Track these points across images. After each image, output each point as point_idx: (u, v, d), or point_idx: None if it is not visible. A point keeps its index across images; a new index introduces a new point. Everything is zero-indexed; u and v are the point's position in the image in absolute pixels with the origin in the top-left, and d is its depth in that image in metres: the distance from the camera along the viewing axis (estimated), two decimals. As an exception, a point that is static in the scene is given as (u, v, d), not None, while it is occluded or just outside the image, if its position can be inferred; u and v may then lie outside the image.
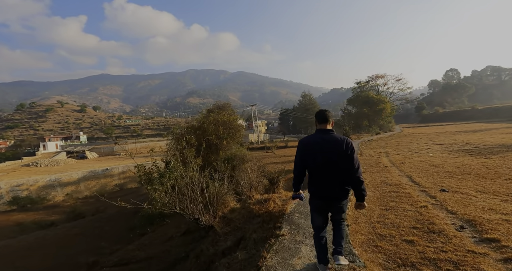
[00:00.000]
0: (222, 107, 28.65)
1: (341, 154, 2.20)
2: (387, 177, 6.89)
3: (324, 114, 2.38)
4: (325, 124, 2.36)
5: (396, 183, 6.14)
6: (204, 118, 16.46)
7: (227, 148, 14.58)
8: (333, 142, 2.25)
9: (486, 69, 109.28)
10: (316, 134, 2.38)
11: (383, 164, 9.14)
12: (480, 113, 51.02)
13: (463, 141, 14.95)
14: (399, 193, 5.28)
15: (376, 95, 45.07)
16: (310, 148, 2.31)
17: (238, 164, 8.06)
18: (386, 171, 7.67)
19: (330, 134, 2.32)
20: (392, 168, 8.19)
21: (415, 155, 10.91)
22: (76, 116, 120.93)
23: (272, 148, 21.56)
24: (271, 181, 5.57)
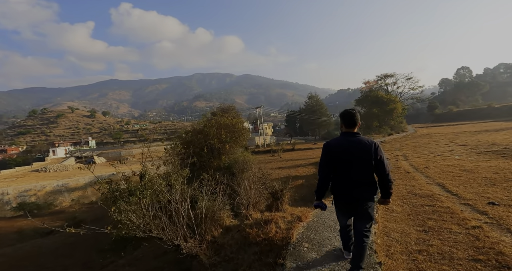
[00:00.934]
0: (226, 109, 27.94)
1: (369, 158, 2.20)
2: (414, 185, 5.83)
3: (352, 117, 2.32)
4: (352, 128, 2.33)
5: (427, 193, 5.10)
6: (206, 121, 15.72)
7: (230, 152, 13.72)
8: (361, 146, 2.23)
9: (499, 66, 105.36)
10: (343, 137, 2.34)
11: (404, 169, 8.05)
12: (497, 111, 48.56)
13: (488, 142, 13.62)
14: (435, 207, 4.25)
15: (386, 94, 43.52)
16: (337, 152, 2.27)
17: (238, 172, 7.15)
18: (410, 178, 6.60)
19: (357, 137, 2.29)
20: (416, 174, 7.11)
21: (439, 158, 9.75)
22: (86, 122, 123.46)
23: (278, 151, 20.59)
24: (274, 196, 4.64)
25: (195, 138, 14.28)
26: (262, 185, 5.12)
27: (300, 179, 10.11)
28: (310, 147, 25.00)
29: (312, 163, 13.66)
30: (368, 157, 2.20)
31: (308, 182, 9.30)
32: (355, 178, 2.23)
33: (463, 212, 3.95)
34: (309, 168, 12.44)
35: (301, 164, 14.08)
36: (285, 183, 4.94)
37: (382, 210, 4.26)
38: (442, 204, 4.35)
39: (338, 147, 2.28)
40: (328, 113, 61.71)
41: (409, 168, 8.15)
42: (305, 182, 9.52)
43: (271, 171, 12.78)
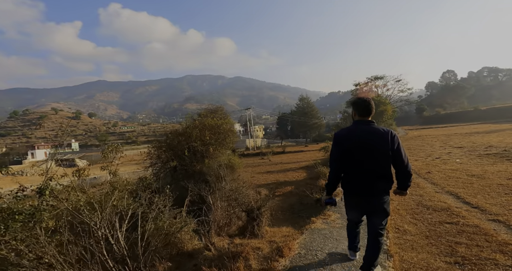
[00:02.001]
0: (214, 110, 26.74)
1: (385, 148, 2.00)
2: (422, 195, 4.94)
3: (367, 105, 2.12)
4: (366, 116, 2.13)
5: (441, 206, 4.20)
6: (189, 122, 14.58)
7: (215, 155, 12.61)
8: (376, 135, 2.04)
9: (482, 70, 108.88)
10: (355, 126, 2.12)
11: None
12: (484, 114, 49.53)
13: (484, 143, 13.12)
14: (459, 225, 3.34)
15: (376, 96, 43.57)
16: (349, 141, 2.08)
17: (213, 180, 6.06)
18: (415, 185, 5.72)
19: (371, 126, 2.09)
20: (420, 180, 6.25)
21: (438, 161, 9.00)
22: (71, 123, 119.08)
23: (267, 154, 19.60)
24: (249, 215, 3.57)
25: (176, 140, 13.12)
26: (234, 201, 4.04)
27: (289, 185, 9.12)
28: (301, 150, 24.16)
29: (302, 167, 12.73)
30: (384, 147, 2.01)
31: (298, 188, 8.32)
32: (369, 170, 2.04)
33: (499, 232, 3.04)
34: (299, 173, 11.48)
35: (291, 168, 13.11)
36: (264, 200, 3.89)
37: (392, 232, 3.29)
38: (467, 221, 3.43)
39: (350, 136, 2.09)
40: (319, 116, 61.50)
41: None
42: (294, 188, 8.54)
43: (258, 175, 11.76)
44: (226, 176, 5.85)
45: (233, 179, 9.46)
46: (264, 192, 8.69)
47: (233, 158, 13.66)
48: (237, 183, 6.19)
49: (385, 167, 2.02)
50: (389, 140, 2.00)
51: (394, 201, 4.58)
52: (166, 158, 13.59)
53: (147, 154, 13.14)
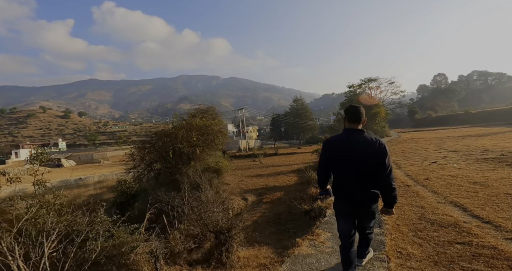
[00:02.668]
0: (205, 111, 25.97)
1: (371, 157, 2.00)
2: (423, 206, 4.41)
3: (356, 111, 2.14)
4: (356, 124, 2.12)
5: (447, 220, 3.66)
6: (177, 122, 13.87)
7: (201, 157, 11.92)
8: (363, 143, 2.04)
9: (472, 73, 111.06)
10: (344, 134, 2.15)
11: (401, 180, 6.70)
12: (475, 117, 50.25)
13: (479, 147, 12.85)
14: (472, 246, 2.80)
15: (369, 98, 43.62)
16: (337, 149, 2.13)
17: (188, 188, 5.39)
18: (414, 194, 5.21)
19: (361, 135, 2.09)
20: (419, 188, 5.74)
21: (435, 166, 8.56)
22: (59, 122, 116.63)
23: (259, 156, 18.99)
24: (217, 237, 2.89)
25: (161, 141, 12.37)
26: (198, 220, 3.33)
27: (278, 190, 8.52)
28: (293, 152, 23.66)
29: (294, 171, 12.17)
30: (371, 157, 1.99)
31: (287, 195, 7.73)
32: (356, 179, 2.04)
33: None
34: (290, 176, 10.91)
35: (282, 172, 12.54)
36: (236, 220, 3.24)
37: (394, 256, 2.72)
38: (482, 241, 2.89)
39: (338, 144, 2.13)
40: (312, 117, 61.38)
41: (406, 179, 6.81)
42: (283, 195, 7.94)
43: (247, 179, 11.14)
44: (204, 184, 5.17)
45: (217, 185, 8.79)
46: (251, 198, 8.08)
47: (221, 161, 13.01)
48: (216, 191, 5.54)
49: (372, 176, 2.01)
50: (375, 148, 1.98)
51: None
52: (150, 160, 12.84)
53: (128, 156, 12.37)
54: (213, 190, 7.71)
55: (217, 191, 9.02)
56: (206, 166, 11.12)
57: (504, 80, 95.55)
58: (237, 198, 8.04)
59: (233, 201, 7.75)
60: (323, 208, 4.30)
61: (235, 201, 7.77)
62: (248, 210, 7.23)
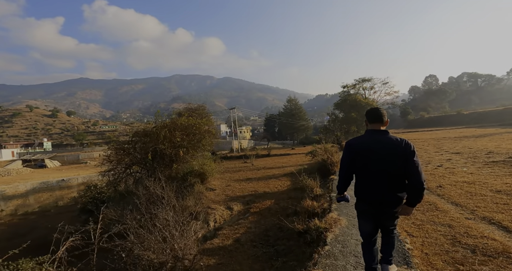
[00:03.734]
0: (195, 110, 24.75)
1: (399, 157, 1.94)
2: (452, 225, 3.47)
3: (377, 112, 2.14)
4: (378, 124, 2.10)
5: (492, 246, 2.73)
6: (160, 121, 12.73)
7: (184, 160, 10.81)
8: (389, 144, 1.99)
9: (462, 75, 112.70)
10: (368, 135, 2.12)
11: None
12: (467, 118, 50.51)
13: (482, 149, 12.16)
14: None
15: (364, 99, 43.22)
16: (361, 151, 2.07)
17: (145, 204, 4.29)
18: (433, 208, 4.28)
19: (385, 135, 2.05)
20: (436, 199, 4.82)
21: (442, 170, 7.71)
22: (46, 122, 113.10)
23: (250, 157, 17.95)
24: None
25: (142, 142, 11.20)
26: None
27: (268, 198, 7.50)
28: (287, 153, 22.70)
29: (287, 174, 11.17)
30: (399, 157, 1.93)
31: (279, 204, 6.73)
32: (383, 180, 1.98)
33: None
34: (282, 181, 9.91)
35: (274, 175, 11.53)
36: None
37: None
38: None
39: (363, 145, 2.07)
40: (306, 118, 60.80)
41: None
42: (274, 203, 6.92)
43: (235, 184, 10.08)
44: (169, 198, 4.09)
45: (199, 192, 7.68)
46: (237, 207, 7.03)
47: (208, 163, 11.92)
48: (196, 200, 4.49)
49: (398, 177, 1.95)
50: (402, 151, 1.93)
51: (415, 237, 3.06)
52: (130, 162, 11.66)
53: (103, 158, 11.16)
54: (191, 200, 6.64)
55: (199, 198, 7.97)
56: (189, 170, 10.02)
57: (493, 82, 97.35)
58: (221, 207, 6.98)
59: (215, 211, 6.69)
60: (322, 230, 3.30)
61: (218, 211, 6.71)
62: (232, 223, 6.18)
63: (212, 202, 7.58)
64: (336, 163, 7.77)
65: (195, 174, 9.54)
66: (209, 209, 6.79)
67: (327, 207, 4.23)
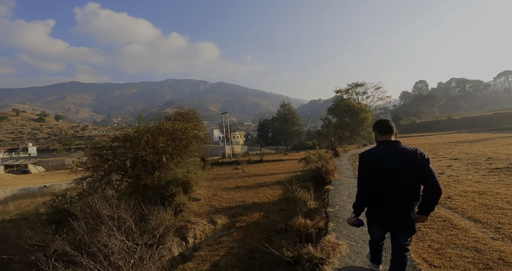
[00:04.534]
0: (185, 114, 23.85)
1: (416, 166, 1.96)
2: (479, 249, 2.82)
3: (387, 124, 2.17)
4: (389, 135, 2.14)
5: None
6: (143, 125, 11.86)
7: (169, 167, 9.95)
8: (405, 154, 2.00)
9: (450, 81, 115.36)
10: (382, 146, 2.13)
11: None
12: (457, 123, 51.17)
13: (479, 155, 11.79)
14: None
15: (357, 103, 43.24)
16: (377, 161, 2.06)
17: (85, 227, 3.48)
18: (449, 225, 3.63)
19: (399, 146, 2.08)
20: (450, 215, 4.18)
21: (445, 178, 7.14)
22: (33, 126, 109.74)
23: (242, 163, 17.17)
24: None
25: (123, 148, 10.31)
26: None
27: (257, 210, 6.73)
28: (280, 159, 22.00)
29: (278, 182, 10.45)
30: (413, 168, 1.96)
31: (268, 217, 5.98)
32: (397, 191, 1.99)
33: None
34: (274, 189, 9.17)
35: (265, 183, 10.78)
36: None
37: None
38: None
39: (379, 156, 2.08)
40: (300, 123, 60.57)
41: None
42: (263, 217, 6.16)
43: (222, 193, 9.27)
44: (125, 220, 3.30)
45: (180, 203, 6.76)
46: (221, 221, 6.24)
47: (194, 170, 11.09)
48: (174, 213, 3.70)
49: (414, 186, 2.00)
50: (418, 159, 1.96)
51: (437, 267, 2.37)
52: (109, 169, 10.73)
53: (76, 164, 10.21)
54: (167, 213, 5.82)
55: (180, 210, 7.13)
56: (172, 178, 9.17)
57: (480, 88, 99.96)
58: (203, 221, 6.17)
59: (195, 225, 5.88)
60: (317, 261, 2.58)
61: (199, 226, 5.91)
62: (213, 240, 5.39)
63: (194, 214, 6.76)
64: (332, 171, 7.11)
65: (177, 182, 8.70)
66: (188, 223, 5.97)
67: (323, 226, 3.52)
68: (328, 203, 4.72)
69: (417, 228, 2.09)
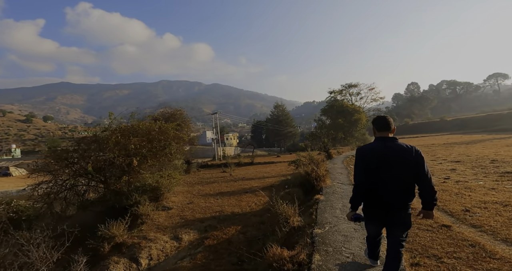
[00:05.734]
0: (171, 115, 22.56)
1: (410, 164, 2.00)
2: None
3: (385, 120, 2.16)
4: (386, 132, 2.14)
5: None
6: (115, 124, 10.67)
7: (138, 171, 8.76)
8: (401, 151, 2.03)
9: (441, 83, 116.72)
10: (378, 142, 2.15)
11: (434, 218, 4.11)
12: (450, 125, 51.20)
13: (480, 157, 11.01)
14: None
15: (351, 104, 42.69)
16: (373, 157, 2.08)
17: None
18: (482, 253, 2.62)
19: (395, 142, 2.09)
20: (475, 234, 3.17)
21: (452, 184, 6.20)
22: (20, 127, 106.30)
23: (230, 166, 16.04)
24: None
25: (90, 150, 9.10)
26: None
27: (235, 222, 5.64)
28: (271, 161, 20.96)
29: (266, 187, 9.38)
30: (408, 164, 2.00)
31: (245, 233, 4.92)
32: (392, 186, 2.03)
33: None
34: (259, 197, 8.08)
35: (251, 188, 9.69)
36: None
37: None
38: None
39: (373, 152, 2.10)
40: (294, 124, 59.86)
41: (437, 214, 4.20)
42: (238, 232, 5.08)
43: (199, 200, 8.12)
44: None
45: (142, 213, 5.51)
46: (188, 237, 5.15)
47: (172, 174, 9.93)
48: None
49: (408, 182, 2.03)
50: (413, 156, 1.99)
51: None
52: (74, 173, 9.49)
53: (33, 168, 8.96)
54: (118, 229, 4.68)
55: (141, 223, 5.96)
56: (142, 183, 8.00)
57: (471, 90, 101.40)
58: (164, 237, 5.04)
59: (152, 244, 4.75)
60: None
61: (157, 244, 4.78)
62: (173, 263, 4.27)
63: (156, 228, 5.62)
64: (323, 176, 6.09)
65: (145, 189, 7.54)
66: (144, 240, 4.83)
67: (305, 261, 2.47)
68: (316, 220, 3.67)
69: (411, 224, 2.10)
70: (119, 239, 4.61)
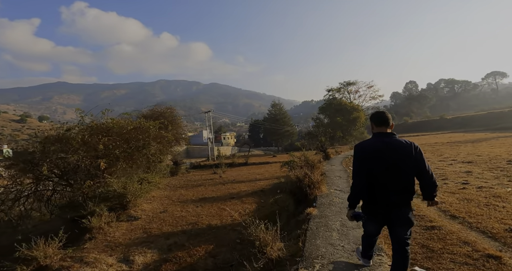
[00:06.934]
0: (162, 113, 21.35)
1: (409, 159, 1.98)
2: None
3: (382, 115, 2.14)
4: (384, 127, 2.10)
5: None
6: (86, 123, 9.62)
7: (103, 175, 7.62)
8: (399, 147, 2.00)
9: (439, 82, 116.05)
10: (377, 138, 2.10)
11: (463, 240, 3.00)
12: (450, 123, 50.32)
13: (492, 157, 10.01)
14: None
15: (349, 103, 41.75)
16: (372, 153, 2.04)
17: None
18: None
19: (393, 138, 2.06)
20: None
21: (474, 191, 5.13)
22: (15, 127, 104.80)
23: (220, 167, 14.93)
24: None
25: (40, 151, 7.97)
26: None
27: (207, 240, 4.52)
28: (266, 161, 19.88)
29: (256, 191, 8.28)
30: (407, 159, 1.97)
31: (215, 256, 3.84)
32: (392, 183, 2.00)
33: None
34: (246, 203, 6.98)
35: (239, 193, 8.59)
36: None
37: None
38: None
39: (371, 148, 2.06)
40: (291, 123, 58.88)
41: (470, 235, 3.10)
42: (208, 255, 3.99)
43: (175, 208, 6.99)
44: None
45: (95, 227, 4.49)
46: (142, 259, 4.04)
47: (148, 177, 8.80)
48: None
49: (408, 179, 2.00)
50: (412, 152, 1.97)
51: None
52: (35, 177, 8.40)
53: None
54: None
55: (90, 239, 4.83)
56: (105, 189, 6.87)
57: (469, 88, 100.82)
58: (109, 259, 3.91)
59: (87, 269, 3.62)
60: None
61: (94, 269, 3.65)
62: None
63: (104, 246, 4.50)
64: (318, 183, 5.00)
65: (109, 196, 6.42)
66: (78, 263, 3.71)
67: None
68: (304, 250, 2.57)
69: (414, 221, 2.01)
70: (44, 262, 3.52)
